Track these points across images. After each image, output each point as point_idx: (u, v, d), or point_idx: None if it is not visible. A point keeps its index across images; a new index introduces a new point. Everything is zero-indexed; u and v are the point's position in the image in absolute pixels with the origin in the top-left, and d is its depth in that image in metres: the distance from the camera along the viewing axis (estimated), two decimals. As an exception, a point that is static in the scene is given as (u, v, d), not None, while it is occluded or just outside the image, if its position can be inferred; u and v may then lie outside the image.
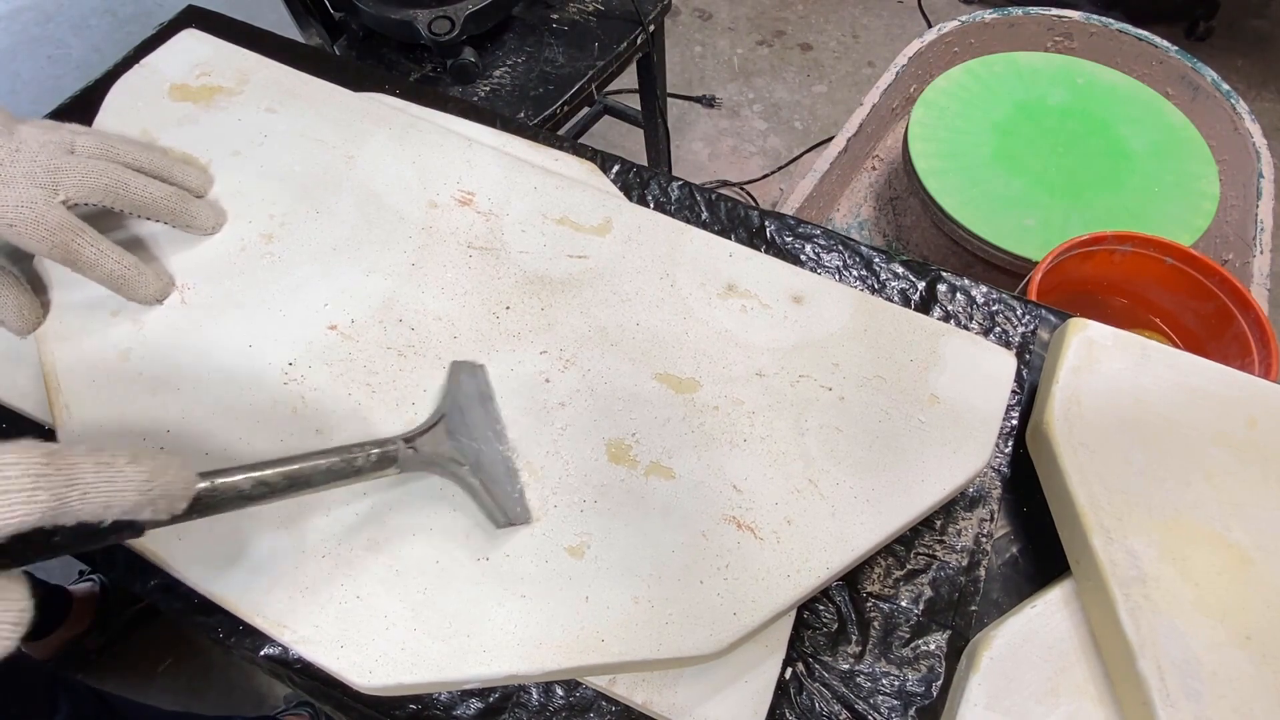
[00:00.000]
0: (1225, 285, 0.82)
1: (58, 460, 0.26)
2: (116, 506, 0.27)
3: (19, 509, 0.25)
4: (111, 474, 0.27)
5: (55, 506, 0.25)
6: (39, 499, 0.25)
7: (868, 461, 0.44)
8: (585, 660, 0.37)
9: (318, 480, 0.35)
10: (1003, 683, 0.40)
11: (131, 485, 0.28)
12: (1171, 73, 1.18)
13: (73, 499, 0.26)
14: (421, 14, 0.93)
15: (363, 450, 0.37)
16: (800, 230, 0.58)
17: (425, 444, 0.39)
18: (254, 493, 0.32)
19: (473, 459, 0.40)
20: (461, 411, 0.42)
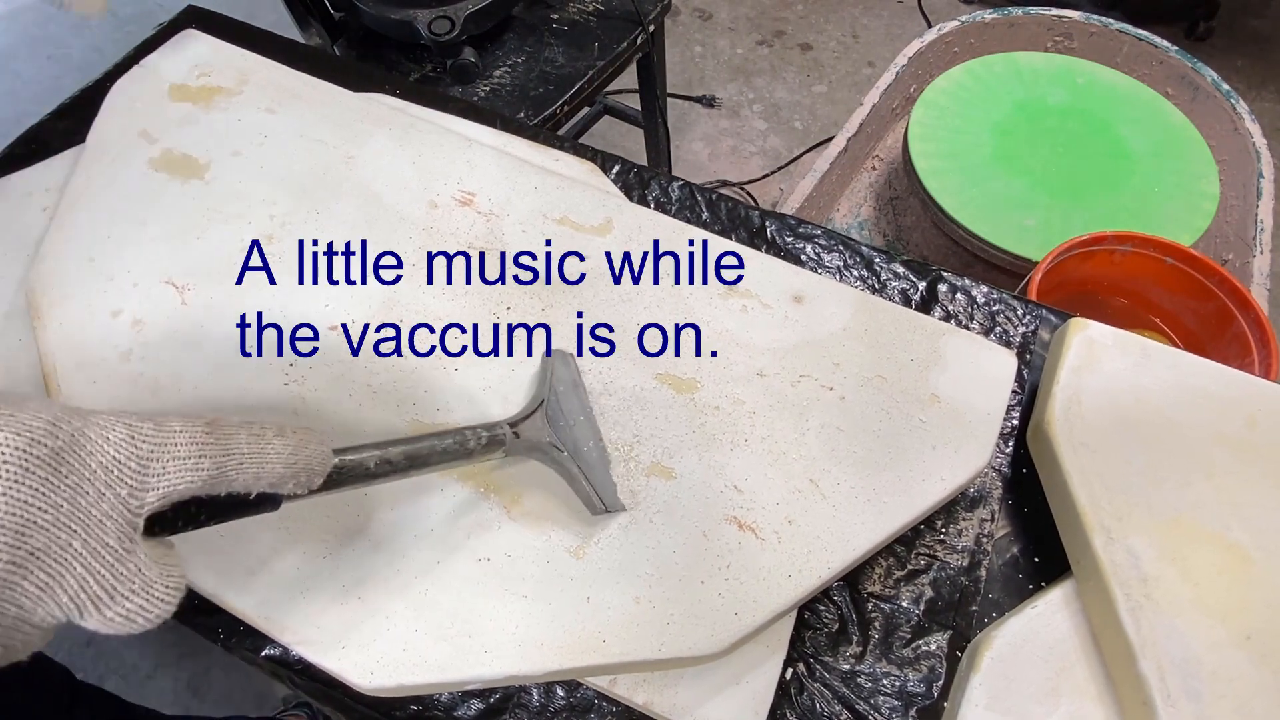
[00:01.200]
0: (1225, 285, 0.82)
1: (217, 430, 0.27)
2: (265, 478, 0.28)
3: (186, 475, 0.26)
4: (262, 445, 0.28)
5: (215, 475, 0.26)
6: (203, 466, 0.26)
7: (869, 461, 0.44)
8: (586, 661, 0.37)
9: (434, 460, 0.35)
10: (1003, 683, 0.40)
11: (280, 458, 0.28)
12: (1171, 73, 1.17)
13: (230, 469, 0.27)
14: (421, 14, 0.93)
15: (474, 433, 0.37)
16: (801, 230, 0.58)
17: (528, 430, 0.40)
18: (378, 470, 0.33)
19: (571, 446, 0.41)
20: (558, 399, 0.42)
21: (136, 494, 0.25)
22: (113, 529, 0.24)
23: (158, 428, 0.26)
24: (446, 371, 0.46)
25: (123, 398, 0.44)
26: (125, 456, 0.24)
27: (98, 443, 0.24)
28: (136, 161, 0.53)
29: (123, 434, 0.25)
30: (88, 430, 0.24)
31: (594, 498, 0.40)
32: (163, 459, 0.25)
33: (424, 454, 0.35)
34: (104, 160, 0.53)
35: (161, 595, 0.25)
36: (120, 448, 0.24)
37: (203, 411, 0.43)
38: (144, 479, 0.25)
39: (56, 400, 0.26)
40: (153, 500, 0.25)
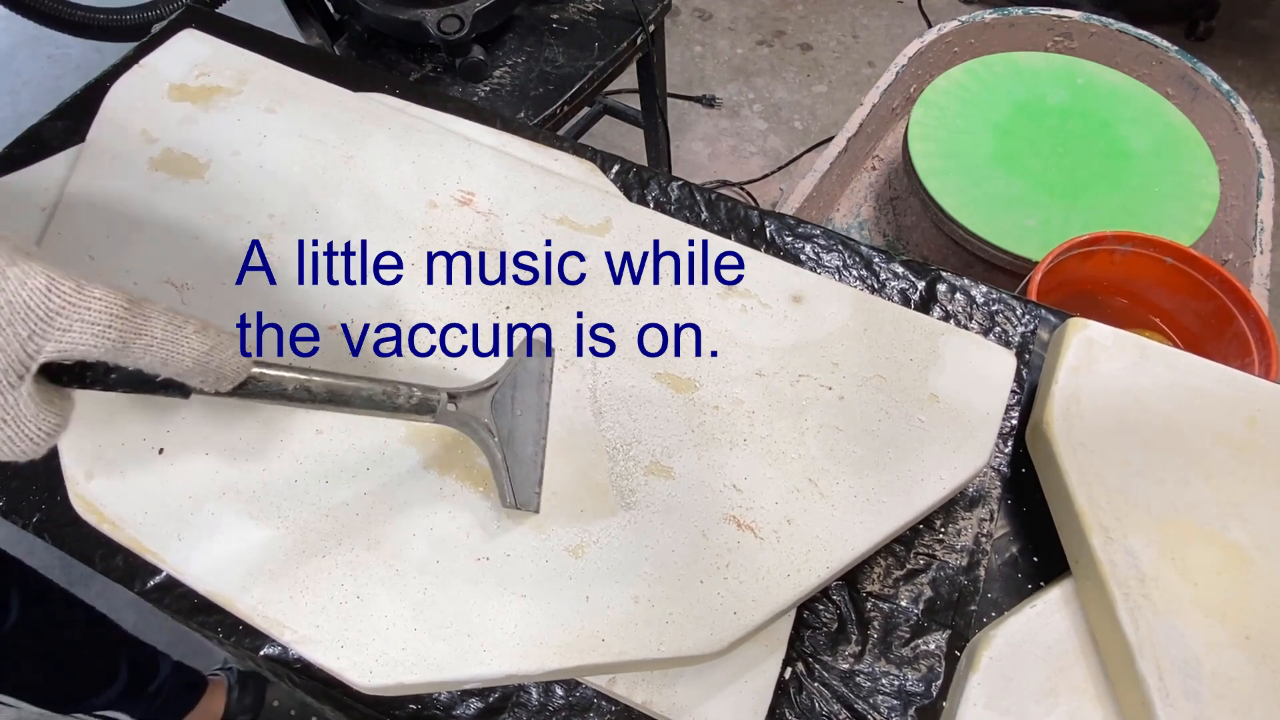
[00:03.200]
0: (1225, 285, 0.82)
1: (135, 309, 0.28)
2: (172, 366, 0.30)
3: (89, 339, 0.27)
4: (177, 336, 0.29)
5: (119, 348, 0.28)
6: (109, 337, 0.28)
7: (868, 460, 0.44)
8: (585, 660, 0.37)
9: (356, 403, 0.35)
10: (1002, 682, 0.40)
11: (192, 352, 0.30)
12: (1171, 73, 1.17)
13: (136, 346, 0.28)
14: (430, 13, 0.93)
15: (407, 389, 0.37)
16: (800, 230, 0.58)
17: (466, 404, 0.40)
18: (294, 394, 0.33)
19: (505, 433, 0.40)
20: (515, 386, 0.42)
21: (35, 339, 0.26)
22: (1, 360, 0.26)
23: (77, 288, 0.27)
24: (446, 371, 0.46)
25: (121, 397, 0.44)
26: (35, 304, 0.26)
27: (14, 283, 0.26)
28: (136, 161, 0.53)
29: (40, 283, 0.26)
30: (8, 270, 0.26)
31: (508, 490, 0.39)
32: (70, 316, 0.27)
33: (347, 394, 0.35)
34: (104, 160, 0.53)
35: (30, 432, 0.27)
36: (34, 294, 0.26)
37: (203, 413, 0.44)
38: (46, 328, 0.26)
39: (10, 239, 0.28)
40: (50, 350, 0.27)
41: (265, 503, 0.41)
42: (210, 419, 0.44)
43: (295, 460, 0.42)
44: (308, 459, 0.42)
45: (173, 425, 0.43)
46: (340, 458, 0.43)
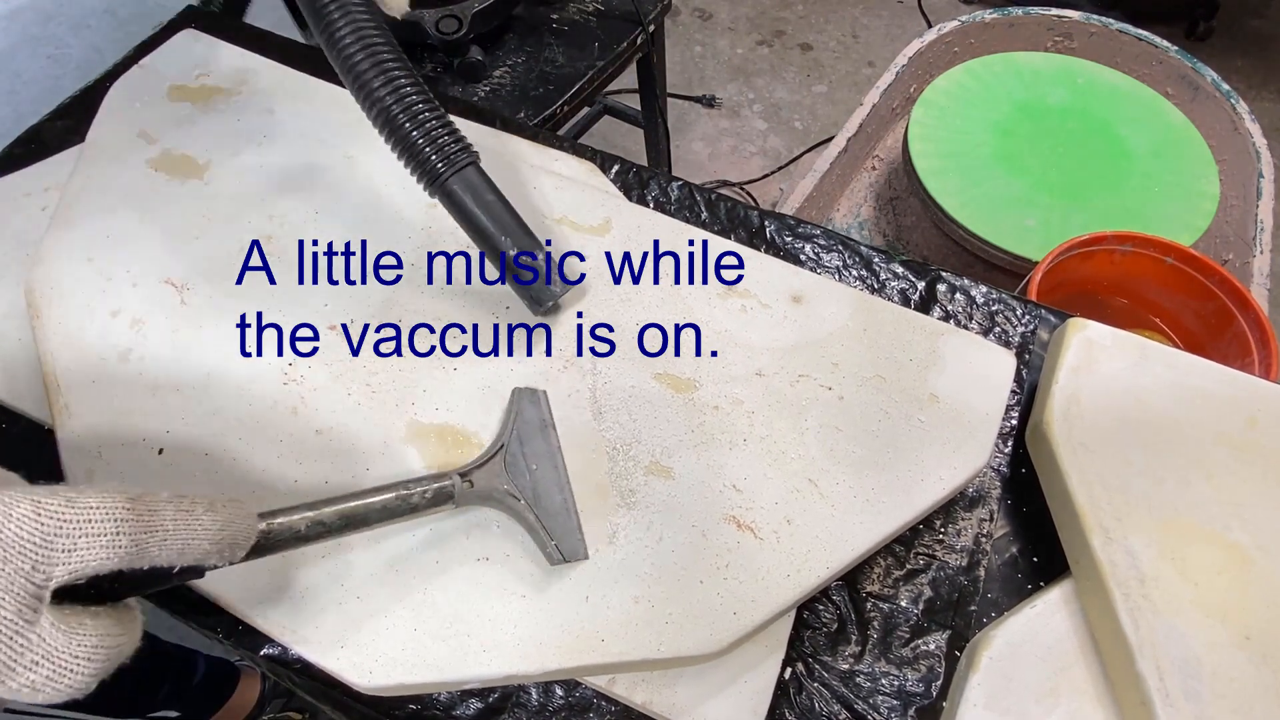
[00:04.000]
0: (1225, 285, 0.82)
1: (139, 506, 0.27)
2: (190, 554, 0.28)
3: (100, 552, 0.26)
4: (189, 521, 0.28)
5: (134, 552, 0.26)
6: (120, 544, 0.26)
7: (867, 461, 0.44)
8: (585, 660, 0.37)
9: (373, 519, 0.35)
10: (1002, 683, 0.40)
11: (207, 534, 0.29)
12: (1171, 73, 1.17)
13: (151, 545, 0.27)
14: (428, 13, 0.93)
15: (419, 486, 0.36)
16: (800, 230, 0.58)
17: (481, 478, 0.39)
18: (309, 533, 0.32)
19: (529, 493, 0.39)
20: (521, 442, 0.41)
21: (41, 568, 0.25)
22: (10, 602, 0.24)
23: (67, 504, 0.26)
24: (446, 371, 0.46)
25: (122, 397, 0.44)
26: (28, 533, 0.25)
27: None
28: (136, 161, 0.53)
29: (26, 510, 0.25)
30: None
31: (550, 548, 0.39)
32: (72, 535, 0.25)
33: (361, 513, 0.34)
34: (103, 160, 0.53)
35: (69, 665, 0.25)
36: (22, 524, 0.25)
37: (202, 411, 0.44)
38: (49, 554, 0.25)
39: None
40: (61, 574, 0.25)
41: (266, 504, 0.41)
42: (210, 419, 0.44)
43: (295, 461, 0.42)
44: (307, 459, 0.42)
45: (172, 426, 0.43)
46: (340, 458, 0.43)
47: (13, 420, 0.48)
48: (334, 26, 0.39)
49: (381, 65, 0.39)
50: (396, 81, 0.39)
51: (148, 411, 0.44)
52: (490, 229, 0.42)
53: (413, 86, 0.39)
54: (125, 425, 0.43)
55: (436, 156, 0.40)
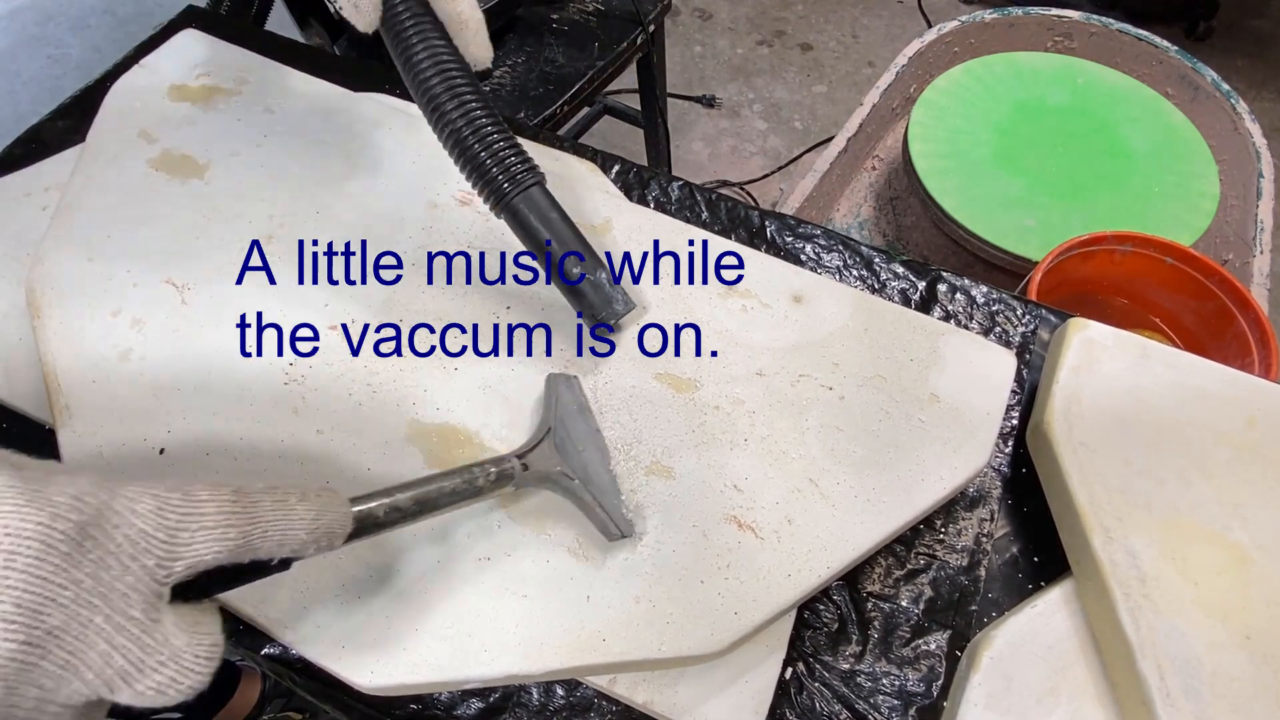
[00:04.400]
0: (1225, 285, 0.82)
1: (243, 499, 0.27)
2: (289, 544, 0.28)
3: (214, 545, 0.26)
4: (286, 512, 0.28)
5: (242, 545, 0.26)
6: (230, 536, 0.26)
7: (868, 460, 0.44)
8: (586, 660, 0.37)
9: (443, 502, 0.35)
10: (1003, 682, 0.40)
11: (303, 524, 0.28)
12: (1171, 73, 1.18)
13: (255, 537, 0.27)
14: None
15: (482, 470, 0.37)
16: (800, 230, 0.58)
17: (536, 460, 0.39)
18: (387, 519, 0.33)
19: (581, 473, 0.40)
20: (565, 425, 0.41)
21: (164, 564, 0.24)
22: (138, 601, 0.24)
23: (185, 497, 0.26)
24: (446, 371, 0.46)
25: (122, 396, 0.44)
26: (153, 528, 0.24)
27: (124, 515, 0.24)
28: (136, 161, 0.53)
29: (150, 505, 0.25)
30: (114, 503, 0.24)
31: (610, 524, 0.39)
32: (191, 529, 0.25)
33: (433, 497, 0.34)
34: (103, 160, 0.53)
35: (191, 664, 0.25)
36: (147, 519, 0.24)
37: (203, 411, 0.44)
38: (172, 549, 0.25)
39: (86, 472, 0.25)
40: (180, 570, 0.25)
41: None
42: (211, 419, 0.44)
43: (297, 461, 0.42)
44: (309, 460, 0.42)
45: (173, 425, 0.43)
46: (342, 458, 0.43)
47: (13, 420, 0.48)
48: (412, 50, 0.40)
49: (454, 88, 0.40)
50: (467, 104, 0.40)
51: (148, 411, 0.44)
52: (554, 247, 0.42)
53: (482, 109, 0.41)
54: (126, 425, 0.43)
55: (503, 176, 0.41)
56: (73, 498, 0.23)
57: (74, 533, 0.23)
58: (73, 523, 0.23)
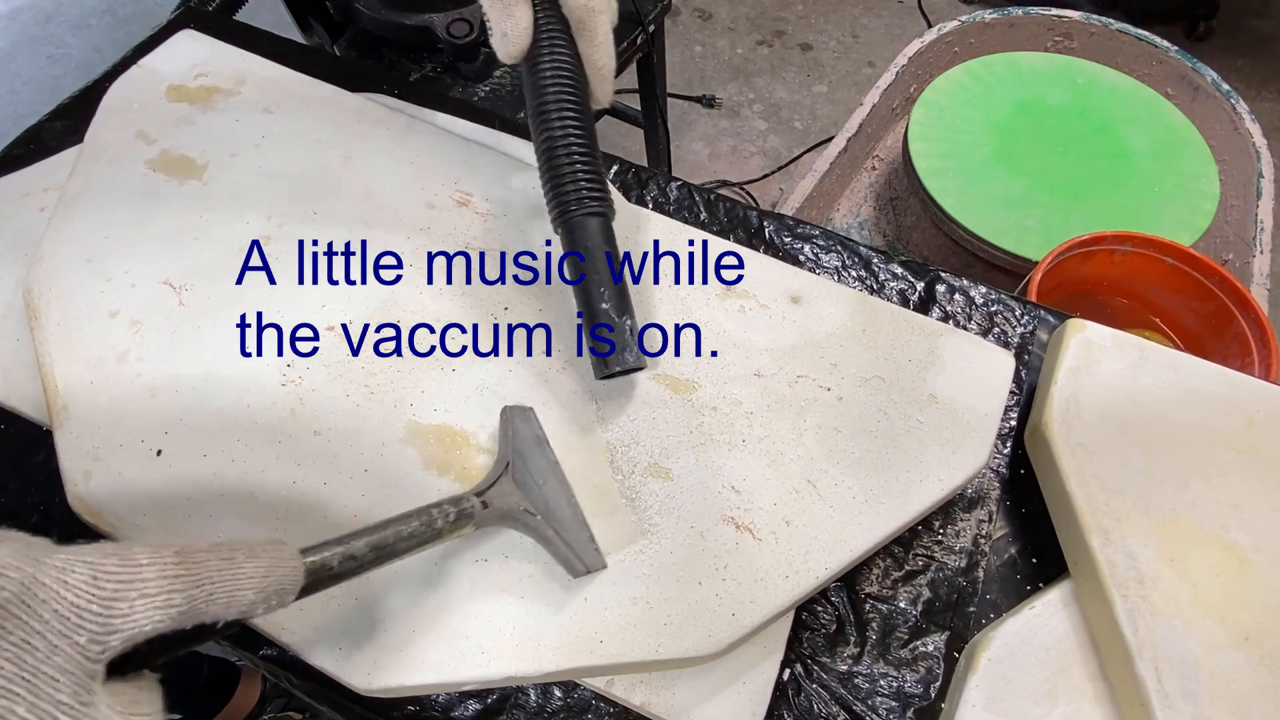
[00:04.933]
0: (1225, 285, 0.82)
1: (186, 559, 0.25)
2: (236, 606, 0.26)
3: (155, 613, 0.24)
4: (233, 571, 0.26)
5: (186, 610, 0.24)
6: (174, 602, 0.24)
7: (866, 461, 0.44)
8: (584, 661, 0.37)
9: (401, 548, 0.34)
10: (1001, 684, 0.40)
11: (251, 583, 0.26)
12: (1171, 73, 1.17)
13: (200, 600, 0.25)
14: (437, 17, 0.92)
15: (441, 511, 0.36)
16: (799, 231, 0.58)
17: (495, 497, 0.38)
18: (343, 569, 0.32)
19: (543, 508, 0.39)
20: (523, 459, 0.40)
21: (98, 639, 0.22)
22: (67, 685, 0.21)
23: (123, 562, 0.23)
24: (446, 371, 0.46)
25: (120, 398, 0.44)
26: (86, 600, 0.22)
27: (53, 588, 0.22)
28: (134, 162, 0.53)
29: (83, 575, 0.22)
30: (40, 575, 0.22)
31: (573, 560, 0.38)
32: (129, 597, 0.23)
33: (390, 542, 0.33)
34: (101, 161, 0.53)
35: None
36: (79, 591, 0.22)
37: (201, 413, 0.44)
38: (107, 621, 0.22)
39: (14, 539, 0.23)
40: (116, 644, 0.23)
41: (264, 505, 0.41)
42: (208, 420, 0.43)
43: (294, 462, 0.42)
44: (305, 460, 0.42)
45: (171, 427, 0.43)
46: (338, 459, 0.43)
47: (11, 420, 0.48)
48: (542, 79, 0.42)
49: (564, 112, 0.42)
50: (569, 126, 0.42)
51: (146, 412, 0.44)
52: (592, 279, 0.42)
53: (583, 135, 0.42)
54: (124, 426, 0.43)
55: (573, 194, 0.42)
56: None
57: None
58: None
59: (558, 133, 0.42)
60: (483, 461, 0.43)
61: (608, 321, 0.42)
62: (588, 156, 0.43)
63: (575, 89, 0.42)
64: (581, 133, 0.42)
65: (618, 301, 0.42)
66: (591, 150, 0.43)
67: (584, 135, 0.42)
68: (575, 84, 0.42)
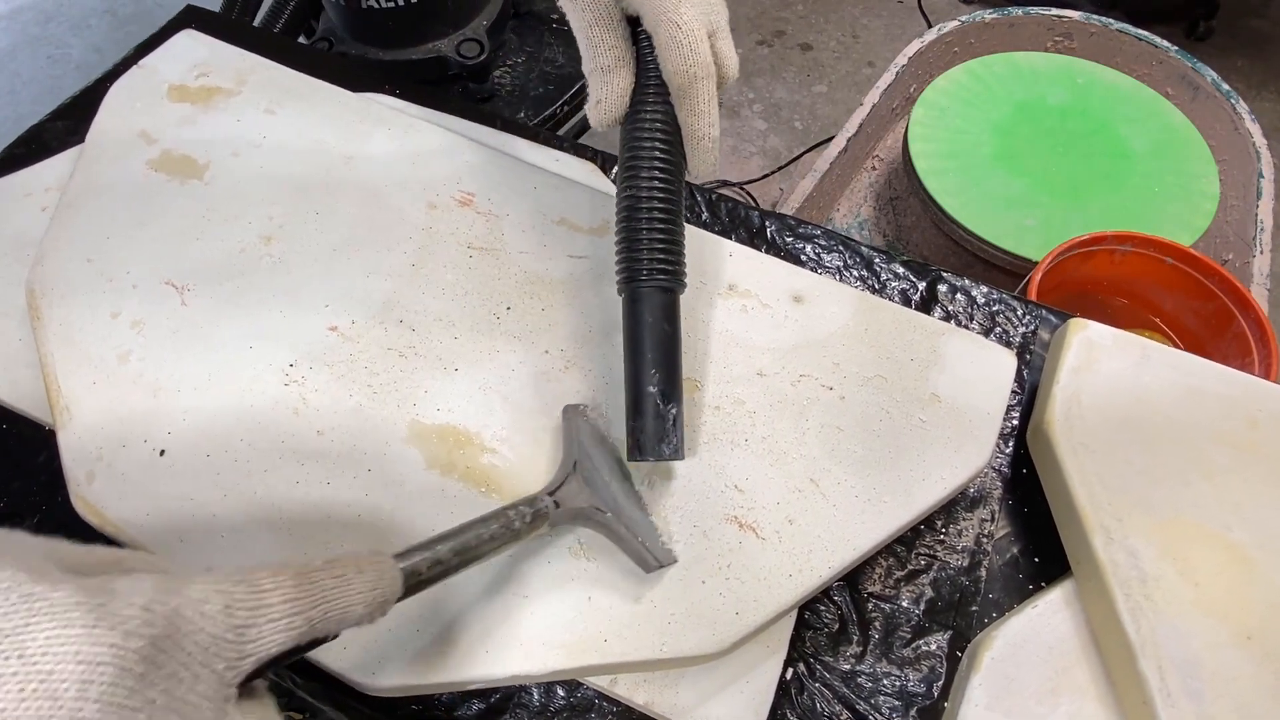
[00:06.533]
0: (1225, 285, 0.82)
1: (304, 580, 0.26)
2: (348, 620, 0.27)
3: (280, 636, 0.25)
4: (345, 588, 0.27)
5: (306, 631, 0.26)
6: (296, 625, 0.25)
7: (869, 460, 0.44)
8: (588, 660, 0.37)
9: (484, 550, 0.34)
10: (1004, 683, 0.40)
11: (360, 598, 0.28)
12: (1171, 73, 1.18)
13: (317, 620, 0.26)
14: (443, 43, 0.91)
15: (518, 512, 0.36)
16: (800, 230, 0.58)
17: (566, 496, 0.38)
18: (430, 575, 0.32)
19: (612, 505, 0.39)
20: (589, 457, 0.40)
21: (233, 665, 0.24)
22: (209, 710, 0.23)
23: (251, 589, 0.25)
24: (448, 371, 0.46)
25: (122, 398, 0.44)
26: (222, 630, 0.23)
27: (195, 621, 0.23)
28: (135, 162, 0.53)
29: (217, 605, 0.24)
30: (183, 610, 0.23)
31: (645, 556, 0.38)
32: (258, 624, 0.24)
33: (472, 545, 0.34)
34: (102, 161, 0.53)
35: None
36: (216, 622, 0.23)
37: (203, 413, 0.44)
38: (240, 648, 0.24)
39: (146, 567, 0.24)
40: (248, 667, 0.24)
41: (267, 505, 0.41)
42: (211, 420, 0.43)
43: (297, 462, 0.42)
44: (309, 460, 0.42)
45: (174, 427, 0.43)
46: (342, 459, 0.43)
47: (13, 421, 0.48)
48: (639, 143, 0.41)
49: (654, 175, 0.40)
50: (655, 190, 0.40)
51: (149, 413, 0.44)
52: (646, 356, 0.40)
53: (669, 201, 0.40)
54: (126, 427, 0.43)
55: (646, 263, 0.40)
56: (142, 609, 0.22)
57: (146, 650, 0.21)
58: (145, 639, 0.21)
59: (642, 194, 0.40)
60: (486, 461, 0.43)
61: (651, 405, 0.39)
62: (668, 225, 0.40)
63: (668, 153, 0.40)
64: (667, 198, 0.40)
65: (666, 387, 0.40)
66: (674, 219, 0.41)
67: (669, 201, 0.40)
68: (669, 148, 0.40)
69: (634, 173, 0.40)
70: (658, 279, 0.40)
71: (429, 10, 0.88)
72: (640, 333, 0.40)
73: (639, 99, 0.41)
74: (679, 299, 0.41)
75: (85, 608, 0.20)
